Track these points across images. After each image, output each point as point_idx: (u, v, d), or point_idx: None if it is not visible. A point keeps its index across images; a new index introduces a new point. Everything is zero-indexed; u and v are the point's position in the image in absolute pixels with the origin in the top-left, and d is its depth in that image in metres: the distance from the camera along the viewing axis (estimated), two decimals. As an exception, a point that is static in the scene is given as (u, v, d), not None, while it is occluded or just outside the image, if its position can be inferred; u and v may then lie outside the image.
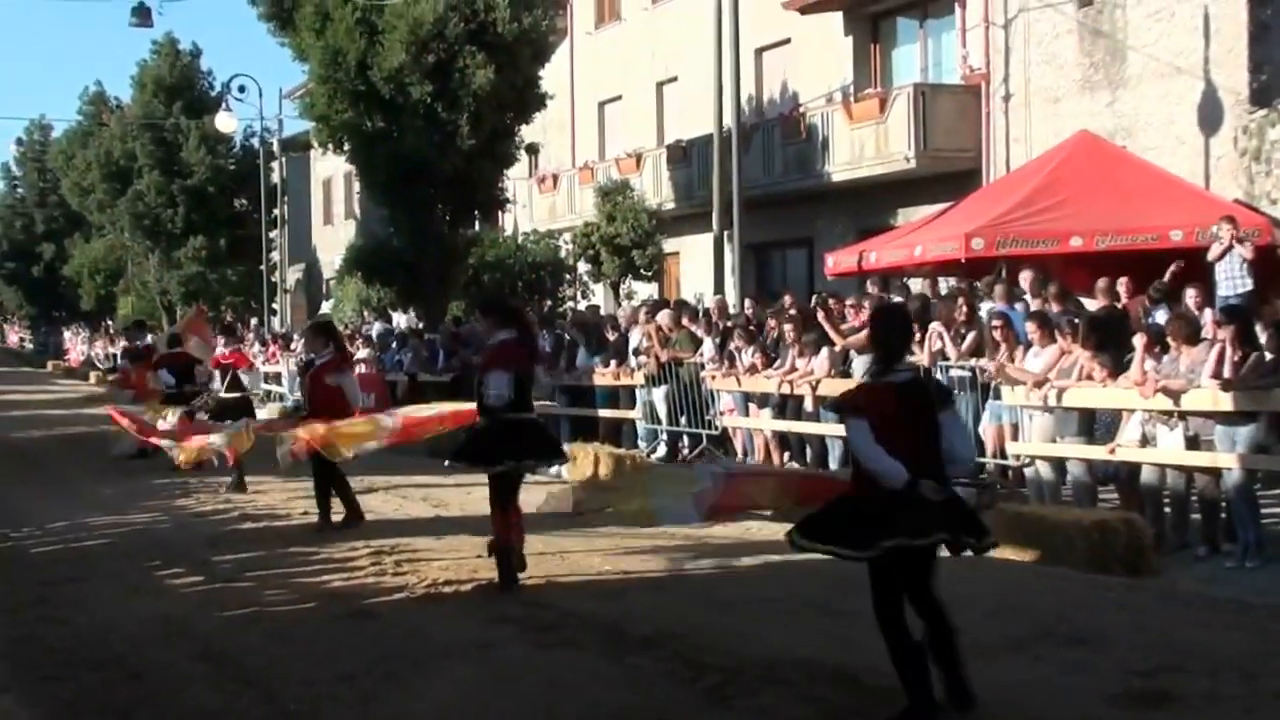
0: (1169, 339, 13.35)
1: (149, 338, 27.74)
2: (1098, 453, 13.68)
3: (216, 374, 21.10)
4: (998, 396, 14.98)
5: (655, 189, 32.97)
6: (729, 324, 20.28)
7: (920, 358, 15.99)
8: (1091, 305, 16.35)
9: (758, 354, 18.70)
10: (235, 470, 18.22)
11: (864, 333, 17.57)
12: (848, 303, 19.78)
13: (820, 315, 18.33)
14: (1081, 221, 18.99)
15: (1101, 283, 16.31)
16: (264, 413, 29.34)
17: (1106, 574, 11.73)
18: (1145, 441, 13.30)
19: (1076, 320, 14.77)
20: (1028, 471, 14.70)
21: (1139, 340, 13.56)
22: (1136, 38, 23.00)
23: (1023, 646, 9.05)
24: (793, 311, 19.40)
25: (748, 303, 23.15)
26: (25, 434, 29.29)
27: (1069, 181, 20.06)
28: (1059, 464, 14.35)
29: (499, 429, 11.62)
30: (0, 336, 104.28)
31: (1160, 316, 15.21)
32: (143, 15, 39.89)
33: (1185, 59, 22.21)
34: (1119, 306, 16.17)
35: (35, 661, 9.61)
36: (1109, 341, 14.21)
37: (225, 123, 44.80)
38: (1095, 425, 13.97)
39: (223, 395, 20.52)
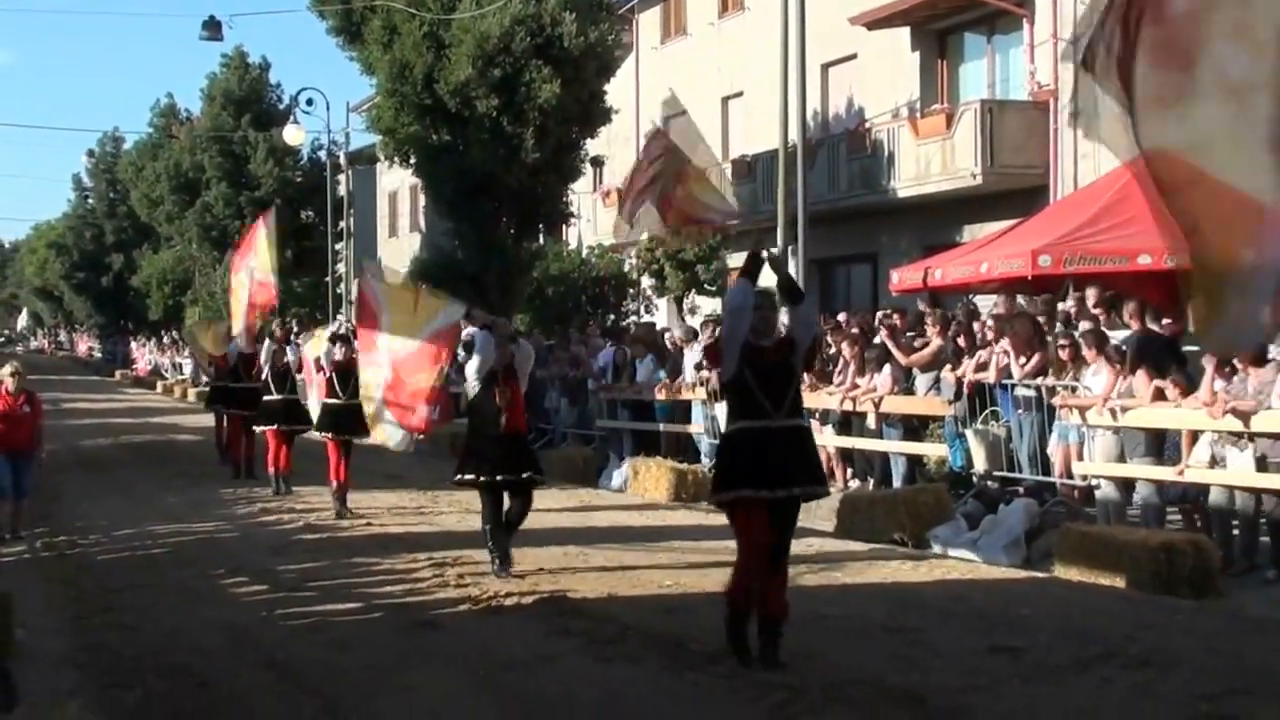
0: (1238, 360, 13.20)
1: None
2: (1166, 473, 13.55)
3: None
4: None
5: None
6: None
7: (987, 375, 15.91)
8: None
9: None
10: (339, 497, 17.82)
11: (928, 350, 17.54)
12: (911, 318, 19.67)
13: (885, 334, 18.25)
14: (1150, 239, 18.75)
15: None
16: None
17: (1173, 596, 11.61)
18: (1214, 462, 13.16)
19: (1123, 348, 14.65)
20: (1096, 492, 14.56)
21: (1208, 361, 13.43)
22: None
23: (1090, 668, 8.96)
24: (854, 330, 19.30)
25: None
26: (94, 442, 29.59)
27: (1137, 199, 19.77)
28: (1126, 484, 14.22)
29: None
30: (70, 346, 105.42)
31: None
32: (213, 29, 40.24)
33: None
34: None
35: (103, 669, 9.68)
36: (1156, 364, 14.10)
37: (293, 135, 45.13)
38: (1164, 445, 13.85)
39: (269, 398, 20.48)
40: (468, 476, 13.00)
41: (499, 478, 12.84)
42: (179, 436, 30.87)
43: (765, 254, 9.71)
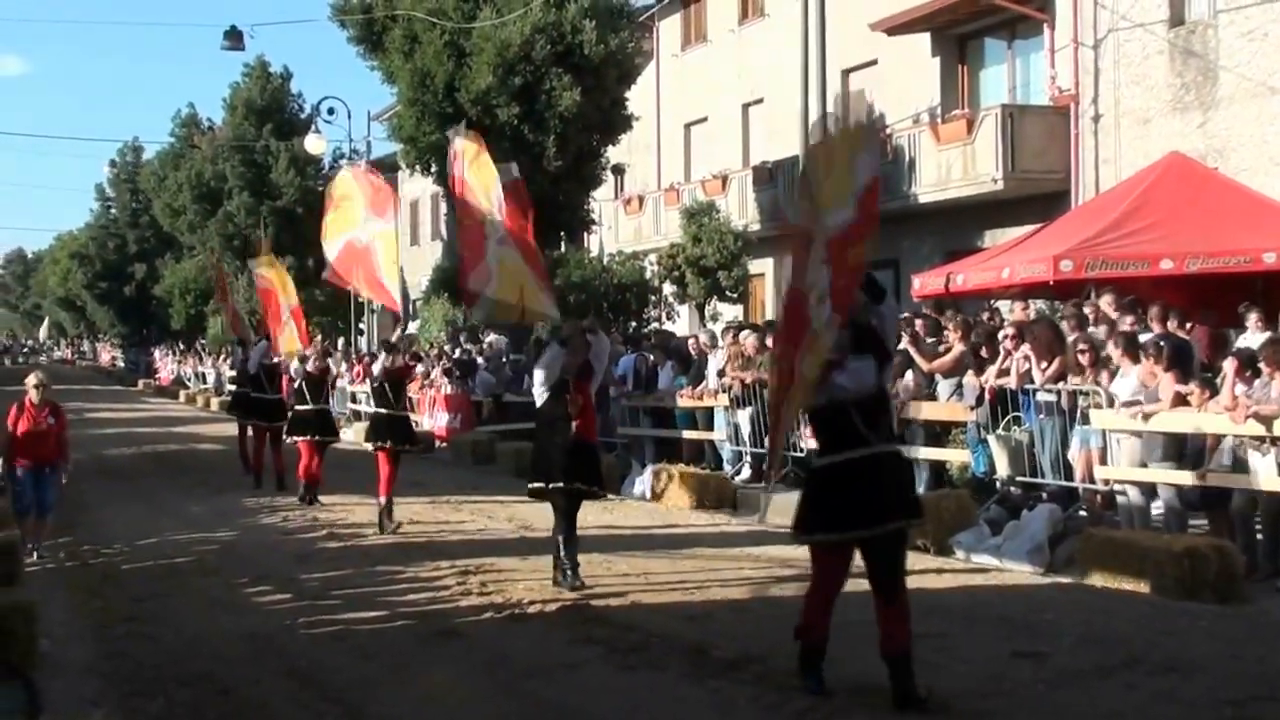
0: (1262, 364, 13.14)
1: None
2: (1188, 478, 13.49)
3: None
4: (1086, 420, 14.82)
5: (741, 210, 32.93)
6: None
7: (1009, 381, 15.86)
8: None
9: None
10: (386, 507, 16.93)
11: (950, 356, 17.48)
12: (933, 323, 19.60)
13: (907, 340, 18.19)
14: (1172, 244, 18.75)
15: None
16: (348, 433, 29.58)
17: (1197, 601, 11.57)
18: (1236, 467, 13.10)
19: (1161, 344, 14.58)
20: (1118, 497, 14.51)
21: (1229, 364, 13.38)
22: (1228, 58, 22.72)
23: (1113, 674, 8.94)
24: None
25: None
26: (117, 451, 29.65)
27: (1159, 203, 19.81)
28: (1149, 489, 14.16)
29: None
30: (92, 355, 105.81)
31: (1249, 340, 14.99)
32: (234, 39, 40.39)
33: (1278, 79, 21.92)
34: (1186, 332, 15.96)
35: (125, 677, 9.71)
36: (1179, 368, 14.07)
37: (314, 144, 45.22)
38: (1184, 450, 13.79)
39: (299, 407, 20.30)
40: (536, 485, 12.72)
41: (571, 486, 12.49)
42: (201, 446, 30.91)
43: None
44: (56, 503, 15.99)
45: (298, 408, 20.42)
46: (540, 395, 12.77)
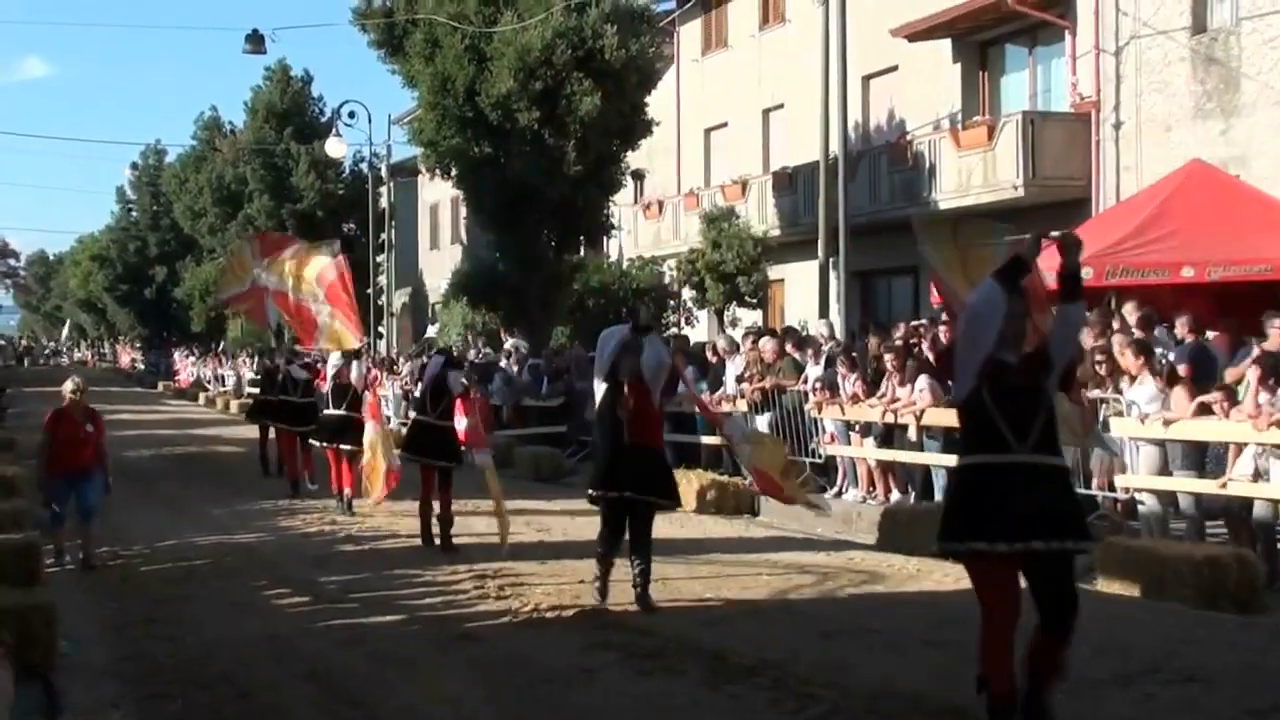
0: (1286, 372, 13.09)
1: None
2: (1209, 487, 13.45)
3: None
4: (1106, 428, 14.78)
5: (761, 216, 32.92)
6: (833, 350, 20.09)
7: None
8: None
9: (859, 383, 18.55)
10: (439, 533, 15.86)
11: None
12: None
13: (928, 348, 18.15)
14: (1193, 252, 18.70)
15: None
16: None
17: (1216, 611, 11.51)
18: (1258, 476, 13.05)
19: (1165, 360, 14.55)
20: (1138, 505, 14.46)
21: (1252, 373, 13.33)
22: (1251, 65, 22.65)
23: (1132, 683, 8.90)
24: (898, 341, 19.21)
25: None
26: (136, 453, 29.67)
27: (1180, 211, 19.76)
28: (1169, 497, 14.11)
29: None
30: (112, 357, 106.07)
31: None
32: (256, 42, 40.49)
33: (1301, 87, 21.86)
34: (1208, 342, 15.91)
35: (144, 678, 9.73)
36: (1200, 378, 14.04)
37: (335, 148, 45.34)
38: (1205, 459, 13.74)
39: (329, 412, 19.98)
40: (590, 491, 11.96)
41: (614, 494, 11.65)
42: (221, 448, 30.95)
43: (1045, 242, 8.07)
44: (100, 508, 15.44)
45: (323, 413, 20.26)
46: (599, 390, 11.92)
